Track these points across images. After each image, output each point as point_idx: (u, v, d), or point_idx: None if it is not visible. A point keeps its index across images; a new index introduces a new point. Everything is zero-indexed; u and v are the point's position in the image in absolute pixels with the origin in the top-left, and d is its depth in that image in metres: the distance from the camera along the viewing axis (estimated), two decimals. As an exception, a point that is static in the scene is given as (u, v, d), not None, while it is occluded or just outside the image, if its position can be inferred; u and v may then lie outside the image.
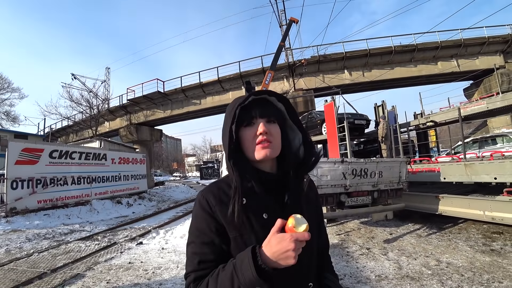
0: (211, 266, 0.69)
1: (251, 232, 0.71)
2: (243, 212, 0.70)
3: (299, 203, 0.76)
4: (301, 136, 0.83)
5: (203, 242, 0.72)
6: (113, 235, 6.48)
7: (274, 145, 0.74)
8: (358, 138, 11.47)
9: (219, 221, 0.72)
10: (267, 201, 0.74)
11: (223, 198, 0.74)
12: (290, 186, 0.78)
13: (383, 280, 3.34)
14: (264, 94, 0.77)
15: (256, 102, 0.76)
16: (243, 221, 0.70)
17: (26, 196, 8.00)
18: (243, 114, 0.75)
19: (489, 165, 5.18)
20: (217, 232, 0.72)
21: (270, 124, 0.75)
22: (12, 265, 4.39)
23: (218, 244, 0.71)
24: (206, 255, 0.71)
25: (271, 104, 0.79)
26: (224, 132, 0.75)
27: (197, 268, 0.70)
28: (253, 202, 0.72)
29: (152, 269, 4.08)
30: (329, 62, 17.68)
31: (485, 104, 8.31)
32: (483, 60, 16.85)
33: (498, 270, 3.41)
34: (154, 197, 14.27)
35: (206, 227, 0.72)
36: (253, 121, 0.75)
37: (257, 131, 0.73)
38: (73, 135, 26.72)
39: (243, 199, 0.71)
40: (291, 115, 0.82)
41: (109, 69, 31.80)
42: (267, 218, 0.71)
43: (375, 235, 5.42)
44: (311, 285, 0.76)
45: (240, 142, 0.76)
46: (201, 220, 0.74)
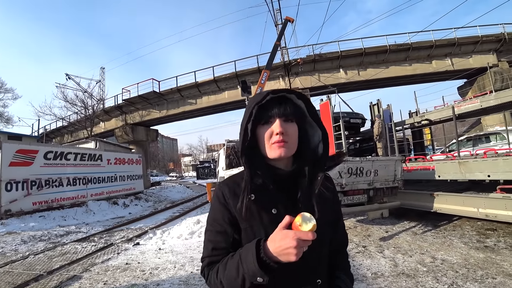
0: (223, 253, 0.75)
1: (260, 225, 0.74)
2: (251, 207, 0.74)
3: (311, 201, 0.77)
4: (321, 133, 0.84)
5: (217, 231, 0.77)
6: (110, 236, 6.46)
7: (289, 144, 0.75)
8: (354, 136, 11.53)
9: (232, 212, 0.76)
10: (278, 197, 0.76)
11: (236, 191, 0.78)
12: (303, 183, 0.79)
13: (379, 278, 3.38)
14: (283, 92, 0.77)
15: (275, 100, 0.76)
16: (252, 215, 0.74)
17: (21, 198, 7.92)
18: (262, 112, 0.75)
19: (483, 162, 5.25)
20: (230, 223, 0.76)
21: (288, 123, 0.76)
22: (7, 267, 4.35)
23: (230, 234, 0.76)
24: (219, 243, 0.76)
25: (290, 102, 0.79)
26: (240, 129, 0.77)
27: (210, 254, 0.77)
28: (263, 198, 0.75)
29: (149, 270, 4.07)
30: (324, 61, 17.74)
31: (479, 102, 8.43)
32: (477, 59, 17.01)
33: (491, 266, 3.47)
34: (151, 198, 14.21)
35: (220, 217, 0.78)
36: (270, 120, 0.75)
37: (273, 129, 0.74)
38: (68, 135, 26.45)
39: (251, 195, 0.74)
40: (310, 112, 0.83)
41: (104, 69, 31.50)
42: (276, 213, 0.74)
43: (371, 233, 5.47)
44: (319, 281, 0.77)
45: (257, 139, 0.78)
46: (216, 211, 0.79)
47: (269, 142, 0.75)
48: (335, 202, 0.91)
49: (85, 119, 22.41)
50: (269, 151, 0.75)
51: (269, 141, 0.75)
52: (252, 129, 0.76)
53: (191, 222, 6.78)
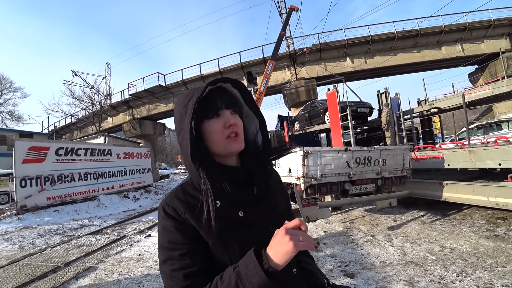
0: (200, 276, 0.63)
1: (231, 234, 0.66)
2: (219, 215, 0.64)
3: (269, 193, 0.76)
4: (258, 122, 0.80)
5: (181, 254, 0.63)
6: (122, 229, 6.63)
7: (241, 137, 0.72)
8: (362, 126, 11.42)
9: (193, 227, 0.65)
10: (239, 198, 0.69)
11: (192, 203, 0.67)
12: (256, 177, 0.74)
13: (388, 266, 3.41)
14: (220, 82, 0.72)
15: (215, 91, 0.72)
16: (221, 223, 0.65)
17: (35, 194, 8.16)
18: (206, 106, 0.69)
19: (494, 151, 5.16)
20: (194, 238, 0.65)
21: (234, 115, 0.72)
22: (26, 260, 4.53)
23: (199, 250, 0.65)
24: (190, 266, 0.63)
25: (227, 92, 0.75)
26: (180, 132, 0.69)
27: (183, 285, 0.62)
28: (226, 202, 0.67)
29: (161, 261, 4.18)
30: (330, 50, 17.47)
31: (490, 89, 8.19)
32: (489, 44, 16.47)
33: (501, 255, 3.45)
34: (160, 190, 14.45)
35: (179, 237, 0.64)
36: (219, 112, 0.70)
37: (225, 122, 0.69)
38: (77, 132, 26.93)
39: (217, 202, 0.65)
40: (247, 101, 0.78)
41: (109, 64, 31.64)
42: (243, 215, 0.68)
43: (380, 222, 5.48)
44: (295, 271, 0.73)
45: (204, 136, 0.71)
46: (172, 231, 0.65)
47: (222, 136, 0.69)
48: (283, 190, 0.91)
49: (93, 115, 22.75)
50: (225, 145, 0.70)
51: (222, 135, 0.69)
52: (196, 128, 0.69)
53: (201, 214, 6.89)
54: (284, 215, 0.78)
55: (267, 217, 0.72)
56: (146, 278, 3.57)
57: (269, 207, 0.74)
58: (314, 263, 0.88)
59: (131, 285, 3.39)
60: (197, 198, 0.67)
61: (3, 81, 29.96)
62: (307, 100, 14.90)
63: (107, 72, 30.99)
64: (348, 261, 3.64)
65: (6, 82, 30.22)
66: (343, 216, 6.22)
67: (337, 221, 5.80)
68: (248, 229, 0.68)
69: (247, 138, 0.78)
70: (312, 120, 10.53)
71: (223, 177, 0.68)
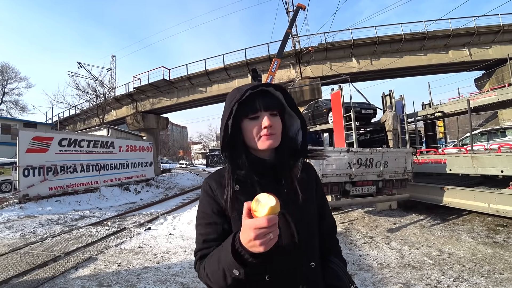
0: (213, 244, 0.75)
1: None
2: (238, 197, 0.76)
3: (294, 187, 0.80)
4: (300, 122, 0.88)
5: (207, 223, 0.79)
6: (122, 221, 6.69)
7: (276, 136, 0.78)
8: (365, 127, 11.39)
9: (220, 203, 0.78)
10: (262, 186, 0.77)
11: (223, 183, 0.80)
12: (286, 171, 0.82)
13: (385, 268, 3.42)
14: (261, 87, 0.79)
15: (257, 93, 0.78)
16: (240, 203, 0.72)
17: (37, 183, 8.25)
18: (247, 106, 0.77)
19: (497, 157, 5.13)
20: (219, 214, 0.78)
21: (273, 116, 0.78)
22: (27, 249, 4.60)
23: (220, 224, 0.78)
24: (209, 234, 0.78)
25: (271, 94, 0.81)
26: (221, 125, 0.79)
27: (202, 247, 0.78)
28: (247, 188, 0.77)
29: (160, 254, 4.23)
30: (336, 50, 17.34)
31: (496, 95, 8.11)
32: (497, 49, 16.26)
33: (499, 262, 3.45)
34: (161, 184, 14.53)
35: (209, 210, 0.80)
36: (257, 114, 0.77)
37: (261, 124, 0.76)
38: (81, 123, 27.04)
39: (236, 186, 0.77)
40: (289, 103, 0.85)
41: (114, 57, 31.81)
42: None
43: (379, 224, 5.49)
44: (313, 264, 0.80)
45: (243, 132, 0.79)
46: (205, 203, 0.81)
47: (258, 136, 0.77)
48: (318, 188, 0.94)
49: (97, 107, 22.81)
50: (258, 143, 0.77)
51: (257, 135, 0.77)
52: (236, 124, 0.78)
53: (201, 209, 6.93)
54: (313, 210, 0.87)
55: (286, 205, 0.75)
56: (145, 270, 3.62)
57: (292, 198, 0.79)
58: (343, 266, 0.91)
59: (130, 276, 3.43)
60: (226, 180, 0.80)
61: (9, 70, 30.20)
62: (311, 99, 14.84)
63: (112, 64, 31.16)
64: (346, 262, 3.65)
65: (12, 71, 30.45)
66: (343, 217, 6.23)
67: (336, 222, 5.79)
68: None
69: (288, 135, 0.87)
70: (315, 119, 10.51)
71: (249, 166, 0.78)
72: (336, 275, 0.85)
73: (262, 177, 0.79)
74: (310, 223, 0.83)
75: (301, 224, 0.78)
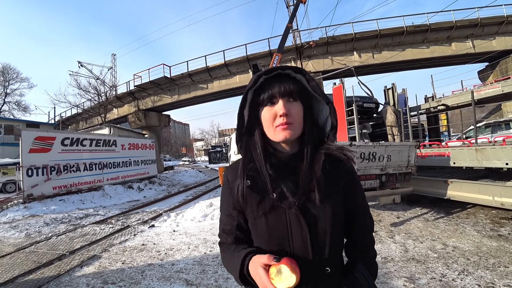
0: (230, 236, 0.81)
1: (261, 209, 0.74)
2: (249, 193, 0.75)
3: (312, 184, 0.72)
4: (328, 108, 0.77)
5: (225, 214, 0.83)
6: (126, 219, 6.72)
7: (294, 126, 0.70)
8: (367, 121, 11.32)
9: (235, 196, 0.77)
10: (278, 181, 0.72)
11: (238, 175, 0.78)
12: (304, 165, 0.73)
13: (389, 262, 3.41)
14: (277, 70, 0.73)
15: (273, 78, 0.72)
16: (252, 200, 0.75)
17: (41, 183, 8.30)
18: (263, 93, 0.72)
19: (501, 150, 5.07)
20: (233, 206, 0.79)
21: (291, 103, 0.71)
22: (33, 247, 4.63)
23: (234, 217, 0.80)
24: (226, 225, 0.83)
25: (289, 78, 0.74)
26: (238, 115, 0.77)
27: (221, 234, 0.86)
28: (260, 183, 0.74)
29: (164, 251, 4.24)
30: (338, 44, 17.19)
31: (500, 87, 8.02)
32: (500, 40, 16.02)
33: (504, 255, 3.43)
34: (164, 182, 14.58)
35: (226, 201, 0.83)
36: (273, 100, 0.71)
37: (276, 112, 0.70)
38: (83, 122, 27.12)
39: (247, 181, 0.75)
40: (312, 86, 0.76)
41: (115, 55, 31.77)
42: (275, 197, 0.71)
43: (382, 219, 5.47)
44: (328, 269, 0.72)
45: (261, 121, 0.75)
46: (224, 194, 0.84)
47: (273, 125, 0.71)
48: (349, 184, 0.79)
49: (99, 106, 22.84)
50: (274, 134, 0.72)
51: (272, 124, 0.71)
52: (255, 113, 0.75)
53: (204, 205, 6.96)
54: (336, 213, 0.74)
55: (300, 204, 0.71)
56: (149, 267, 3.63)
57: (309, 196, 0.72)
58: (370, 276, 0.78)
59: (134, 274, 3.45)
60: None
61: (10, 71, 30.29)
62: (313, 94, 14.75)
63: (112, 63, 31.13)
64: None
65: (13, 72, 30.54)
66: (346, 212, 6.21)
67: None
68: (277, 209, 0.72)
69: (317, 124, 0.80)
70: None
71: (264, 160, 0.74)
72: (355, 283, 0.76)
73: (278, 171, 0.73)
74: (329, 225, 0.72)
75: (316, 226, 0.71)
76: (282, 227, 0.71)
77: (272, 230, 0.72)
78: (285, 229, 0.71)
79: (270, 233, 0.73)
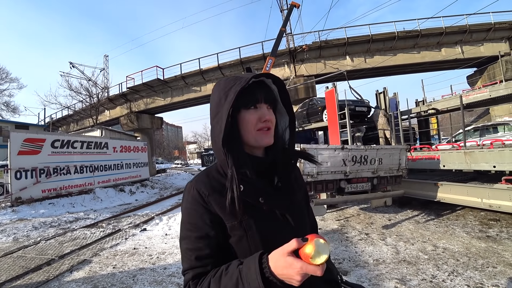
0: (209, 262, 0.67)
1: (250, 218, 0.69)
2: (241, 199, 0.68)
3: (289, 185, 0.79)
4: (288, 119, 0.83)
5: (198, 236, 0.68)
6: (117, 222, 6.62)
7: (272, 132, 0.75)
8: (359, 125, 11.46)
9: (213, 211, 0.69)
10: (260, 185, 0.73)
11: (216, 187, 0.71)
12: (279, 169, 0.78)
13: (381, 264, 3.44)
14: (263, 77, 0.75)
15: (256, 84, 0.74)
16: (243, 207, 0.68)
17: (30, 186, 8.11)
18: (245, 96, 0.70)
19: (489, 153, 5.20)
20: (212, 224, 0.69)
21: (269, 110, 0.75)
22: (20, 252, 4.52)
23: (213, 237, 0.68)
24: (202, 250, 0.68)
25: (268, 87, 0.77)
26: (217, 115, 0.71)
27: (194, 265, 0.68)
28: (249, 188, 0.70)
29: (156, 254, 4.20)
30: (330, 48, 17.42)
31: (488, 92, 8.22)
32: (488, 47, 16.50)
33: (493, 256, 3.50)
34: (156, 185, 14.44)
35: (199, 220, 0.69)
36: (257, 104, 0.72)
37: (260, 116, 0.72)
38: (74, 124, 26.71)
39: (240, 186, 0.68)
40: (283, 98, 0.81)
41: (107, 57, 31.39)
42: (263, 202, 0.71)
43: (374, 221, 5.52)
44: None
45: (238, 124, 0.73)
46: (193, 213, 0.70)
47: (255, 129, 0.72)
48: (303, 186, 0.93)
49: (90, 108, 22.54)
50: (255, 138, 0.72)
51: (254, 128, 0.72)
52: (233, 115, 0.70)
53: (196, 209, 6.89)
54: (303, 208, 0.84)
55: (285, 206, 0.75)
56: (141, 272, 3.58)
57: (288, 198, 0.77)
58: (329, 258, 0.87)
59: (125, 278, 3.40)
60: (220, 182, 0.71)
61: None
62: (306, 97, 14.88)
63: (105, 64, 30.75)
64: (342, 259, 3.67)
65: (2, 72, 29.84)
66: (338, 214, 6.26)
67: (332, 219, 5.83)
68: (267, 214, 0.72)
69: (276, 133, 0.81)
70: (310, 117, 10.53)
71: (249, 164, 0.72)
72: (329, 270, 0.83)
73: (258, 175, 0.74)
74: (306, 223, 0.82)
75: (301, 225, 0.77)
76: (274, 230, 0.72)
77: (263, 230, 0.70)
78: (277, 232, 0.72)
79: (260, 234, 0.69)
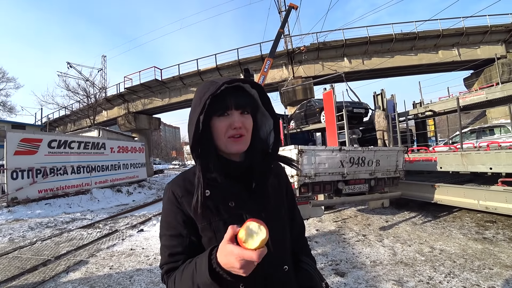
0: (180, 258, 0.71)
1: (219, 220, 0.71)
2: (208, 203, 0.70)
3: (265, 190, 0.78)
4: (272, 122, 0.82)
5: (172, 234, 0.73)
6: (114, 223, 6.59)
7: (246, 138, 0.74)
8: (357, 126, 11.49)
9: (186, 212, 0.73)
10: (233, 190, 0.74)
11: (189, 189, 0.74)
12: (256, 173, 0.77)
13: (378, 266, 3.45)
14: (238, 82, 0.73)
15: (230, 89, 0.72)
16: (210, 210, 0.71)
17: (26, 186, 8.06)
18: (217, 103, 0.70)
19: (486, 155, 5.23)
20: (185, 224, 0.72)
21: (244, 115, 0.73)
22: (16, 253, 4.48)
23: (186, 236, 0.72)
24: (175, 247, 0.72)
25: (245, 92, 0.76)
26: (191, 121, 0.72)
27: (167, 260, 0.72)
28: (218, 192, 0.72)
29: (153, 255, 4.18)
30: (328, 50, 17.46)
31: (484, 94, 8.31)
32: (485, 49, 16.63)
33: (489, 257, 3.52)
34: (154, 185, 14.39)
35: (173, 220, 0.73)
36: (227, 111, 0.72)
37: (231, 123, 0.71)
38: (71, 124, 26.57)
39: (206, 191, 0.70)
40: (264, 102, 0.80)
41: (105, 57, 31.27)
42: (233, 205, 0.72)
43: (371, 223, 5.54)
44: (286, 268, 0.78)
45: (211, 131, 0.73)
46: (168, 213, 0.75)
47: (226, 136, 0.72)
48: (288, 190, 0.92)
49: (88, 108, 22.44)
50: (226, 145, 0.73)
51: (225, 135, 0.72)
52: (205, 121, 0.71)
53: (194, 210, 6.88)
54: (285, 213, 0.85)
55: (259, 211, 0.74)
56: (137, 272, 3.57)
57: (263, 202, 0.77)
58: (314, 265, 0.90)
59: (122, 279, 3.38)
60: (194, 185, 0.73)
61: (-4, 71, 29.39)
62: (304, 99, 14.90)
63: (102, 64, 30.65)
64: (339, 260, 3.67)
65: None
66: (336, 215, 6.27)
67: (329, 220, 5.84)
68: (236, 219, 0.71)
69: (259, 136, 0.83)
70: (308, 119, 10.54)
71: (220, 169, 0.72)
72: (309, 276, 0.85)
73: (231, 180, 0.74)
74: (282, 227, 0.82)
75: (274, 230, 0.72)
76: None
77: None
78: None
79: None
